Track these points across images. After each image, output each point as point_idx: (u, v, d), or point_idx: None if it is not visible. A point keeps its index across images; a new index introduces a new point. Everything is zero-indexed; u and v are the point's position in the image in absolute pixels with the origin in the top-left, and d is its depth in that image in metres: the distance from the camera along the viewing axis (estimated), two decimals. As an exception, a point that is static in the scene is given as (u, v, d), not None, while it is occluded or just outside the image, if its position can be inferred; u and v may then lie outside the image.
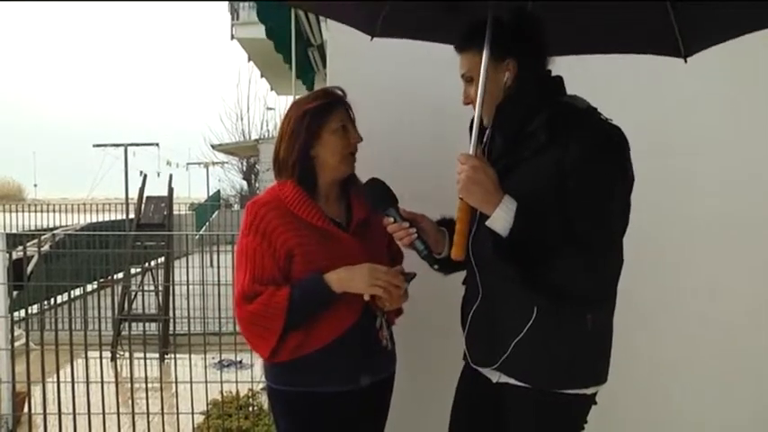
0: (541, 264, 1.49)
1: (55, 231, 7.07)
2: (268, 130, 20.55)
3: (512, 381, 1.63)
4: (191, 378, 3.79)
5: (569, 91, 1.67)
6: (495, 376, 1.68)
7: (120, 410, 3.76)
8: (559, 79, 1.67)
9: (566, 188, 1.49)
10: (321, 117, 1.77)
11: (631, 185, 1.57)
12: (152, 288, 6.86)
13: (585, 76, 1.74)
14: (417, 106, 2.40)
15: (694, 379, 2.50)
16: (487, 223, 1.53)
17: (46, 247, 5.51)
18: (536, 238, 1.49)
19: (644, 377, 2.50)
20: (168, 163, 19.65)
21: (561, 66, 1.71)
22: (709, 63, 2.44)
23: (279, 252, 1.73)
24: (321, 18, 4.32)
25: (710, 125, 2.46)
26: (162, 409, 3.84)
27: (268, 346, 1.73)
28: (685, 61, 1.77)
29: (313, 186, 1.81)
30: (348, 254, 1.76)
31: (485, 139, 1.70)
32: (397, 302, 1.80)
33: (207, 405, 4.06)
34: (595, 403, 1.67)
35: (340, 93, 1.83)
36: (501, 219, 1.50)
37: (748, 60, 2.44)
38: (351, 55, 2.33)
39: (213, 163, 22.35)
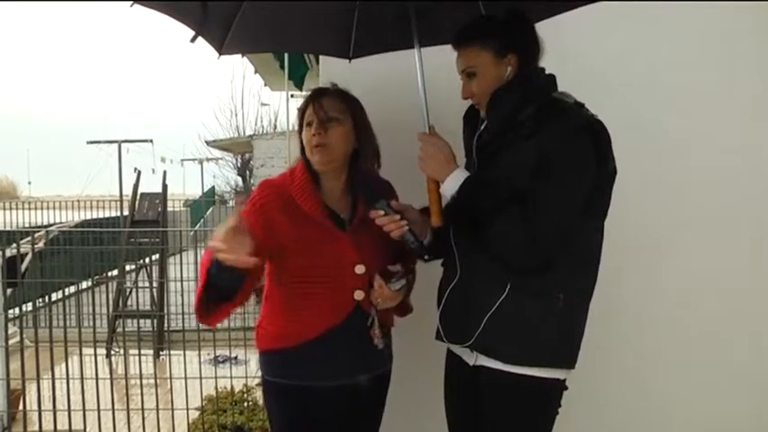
0: (480, 227, 1.63)
1: (49, 228, 7.05)
2: (262, 126, 20.44)
3: (486, 363, 1.70)
4: (185, 374, 3.80)
5: (563, 85, 1.73)
6: (472, 358, 1.75)
7: (116, 407, 3.76)
8: (552, 77, 1.73)
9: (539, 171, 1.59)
10: (301, 112, 1.86)
11: (609, 177, 1.65)
12: (146, 284, 6.86)
13: (578, 71, 1.76)
14: (410, 101, 2.40)
15: (685, 372, 2.52)
16: (440, 190, 1.72)
17: (40, 245, 5.50)
18: (478, 204, 1.64)
19: (635, 370, 2.53)
20: (162, 159, 19.62)
21: (554, 61, 1.75)
22: (703, 59, 2.47)
23: (272, 232, 1.76)
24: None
25: (701, 121, 2.47)
26: (157, 405, 3.85)
27: (197, 296, 1.70)
28: None
29: (317, 179, 1.85)
30: (339, 250, 1.79)
31: (481, 127, 1.77)
32: (387, 301, 1.80)
33: (202, 401, 4.06)
34: (566, 388, 1.73)
35: (323, 87, 1.89)
36: (450, 186, 1.68)
37: (742, 57, 2.46)
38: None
39: (208, 159, 22.33)
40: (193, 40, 1.81)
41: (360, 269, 1.79)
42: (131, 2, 1.64)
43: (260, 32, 2.04)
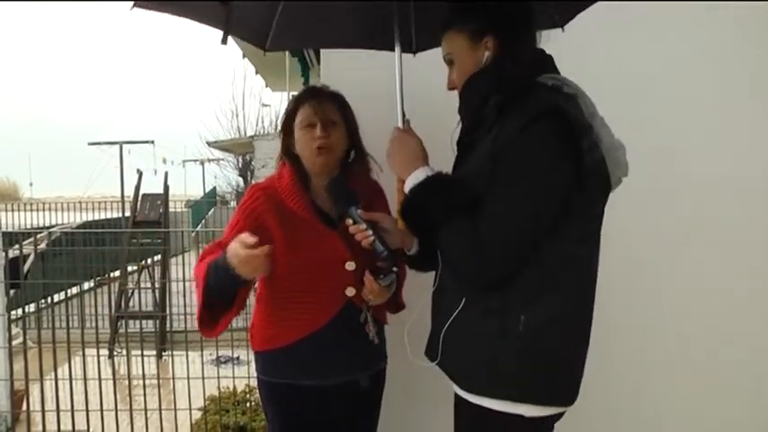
0: (432, 233, 1.47)
1: (51, 229, 7.05)
2: (263, 127, 20.51)
3: (456, 387, 1.54)
4: (188, 374, 3.80)
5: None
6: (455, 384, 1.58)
7: (119, 407, 3.76)
8: (544, 58, 1.53)
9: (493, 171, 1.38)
10: (291, 114, 1.87)
11: (591, 172, 1.39)
12: (149, 285, 6.87)
13: (577, 73, 1.73)
14: (410, 101, 2.40)
15: (685, 378, 2.52)
16: (404, 188, 1.56)
17: (42, 246, 5.51)
18: (432, 208, 1.45)
19: (634, 375, 2.53)
20: (164, 160, 19.69)
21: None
22: (702, 63, 2.47)
23: (264, 234, 1.74)
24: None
25: (699, 125, 2.48)
26: (159, 405, 3.85)
27: (198, 311, 1.71)
28: None
29: (306, 179, 1.87)
30: (330, 248, 1.80)
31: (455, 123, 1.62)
32: (378, 296, 1.78)
33: (204, 401, 4.06)
34: None
35: (316, 88, 1.91)
36: (408, 185, 1.53)
37: (740, 60, 2.46)
38: (344, 50, 2.33)
39: (209, 160, 22.38)
40: (224, 41, 1.64)
41: (350, 266, 1.81)
42: (132, 3, 1.55)
43: (307, 26, 1.99)
